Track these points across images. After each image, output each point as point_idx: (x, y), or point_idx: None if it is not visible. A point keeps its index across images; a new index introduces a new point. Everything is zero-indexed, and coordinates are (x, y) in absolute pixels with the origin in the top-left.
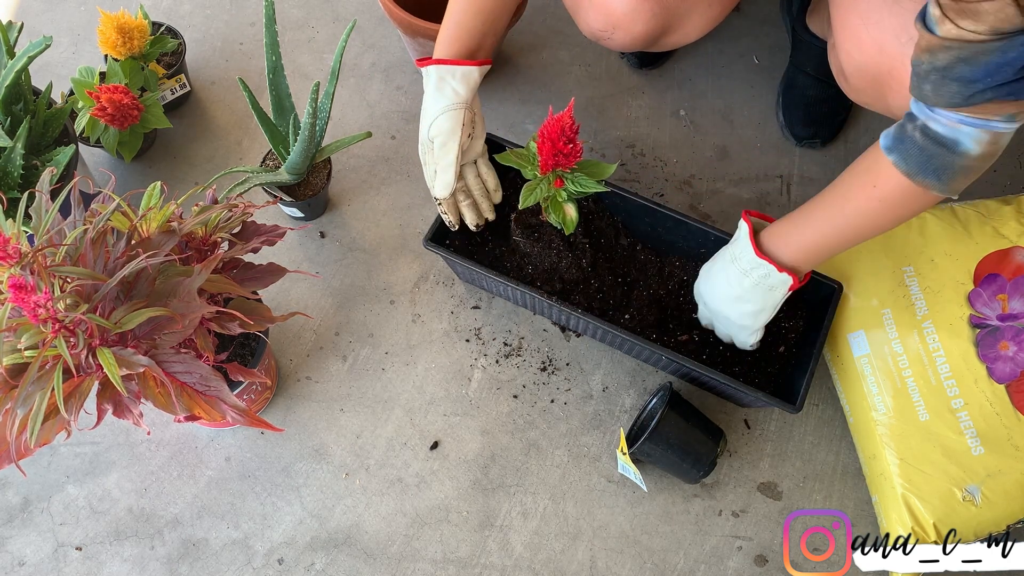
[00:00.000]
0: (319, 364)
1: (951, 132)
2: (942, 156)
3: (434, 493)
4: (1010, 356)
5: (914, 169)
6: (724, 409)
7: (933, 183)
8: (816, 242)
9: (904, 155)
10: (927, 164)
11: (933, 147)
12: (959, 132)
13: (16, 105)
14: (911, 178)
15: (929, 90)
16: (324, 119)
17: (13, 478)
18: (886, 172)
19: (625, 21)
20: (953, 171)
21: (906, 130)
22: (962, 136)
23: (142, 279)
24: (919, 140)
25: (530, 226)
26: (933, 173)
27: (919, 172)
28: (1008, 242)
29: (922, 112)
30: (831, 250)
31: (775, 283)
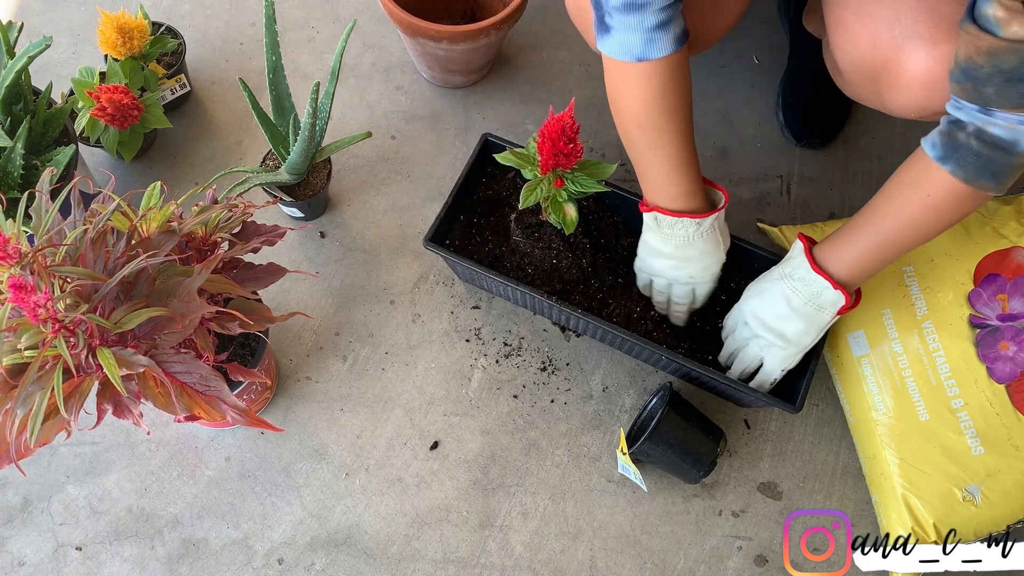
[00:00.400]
0: (319, 364)
1: (1011, 134)
2: (1001, 159)
3: (434, 493)
4: (1010, 356)
5: (973, 175)
6: (724, 409)
7: (991, 185)
8: (869, 256)
9: (961, 163)
10: (986, 168)
11: (992, 151)
12: (1018, 133)
13: (16, 105)
14: (970, 184)
15: (993, 93)
16: (324, 119)
17: (13, 478)
18: (940, 181)
19: None
20: (1011, 171)
21: (957, 138)
22: (1020, 136)
23: (142, 279)
24: (975, 147)
25: (530, 226)
26: (992, 176)
27: (978, 177)
28: (1008, 242)
29: (974, 117)
30: (883, 263)
31: (826, 302)
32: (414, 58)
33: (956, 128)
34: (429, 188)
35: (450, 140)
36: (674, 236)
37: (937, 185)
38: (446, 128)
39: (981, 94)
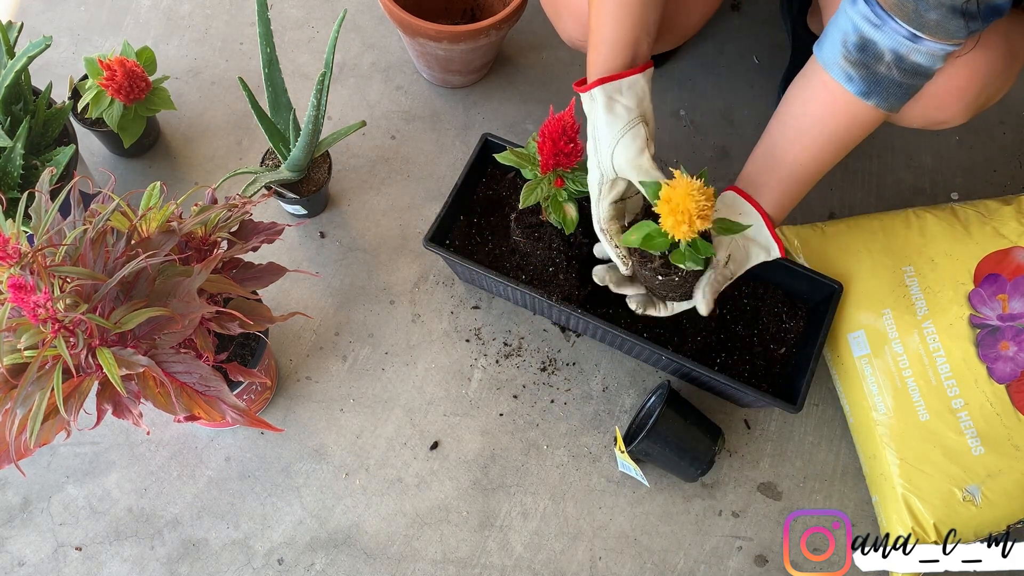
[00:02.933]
0: (319, 364)
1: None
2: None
3: (434, 493)
4: (1010, 356)
5: (895, 104)
6: (724, 409)
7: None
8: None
9: (886, 95)
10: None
11: (912, 78)
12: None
13: (16, 105)
14: (892, 111)
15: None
16: (321, 113)
17: (13, 478)
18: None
19: None
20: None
21: (877, 71)
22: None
23: (142, 279)
24: (897, 76)
25: (530, 226)
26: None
27: (899, 103)
28: (1008, 242)
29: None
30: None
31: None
32: (414, 58)
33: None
34: (429, 188)
35: (450, 140)
36: None
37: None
38: (446, 128)
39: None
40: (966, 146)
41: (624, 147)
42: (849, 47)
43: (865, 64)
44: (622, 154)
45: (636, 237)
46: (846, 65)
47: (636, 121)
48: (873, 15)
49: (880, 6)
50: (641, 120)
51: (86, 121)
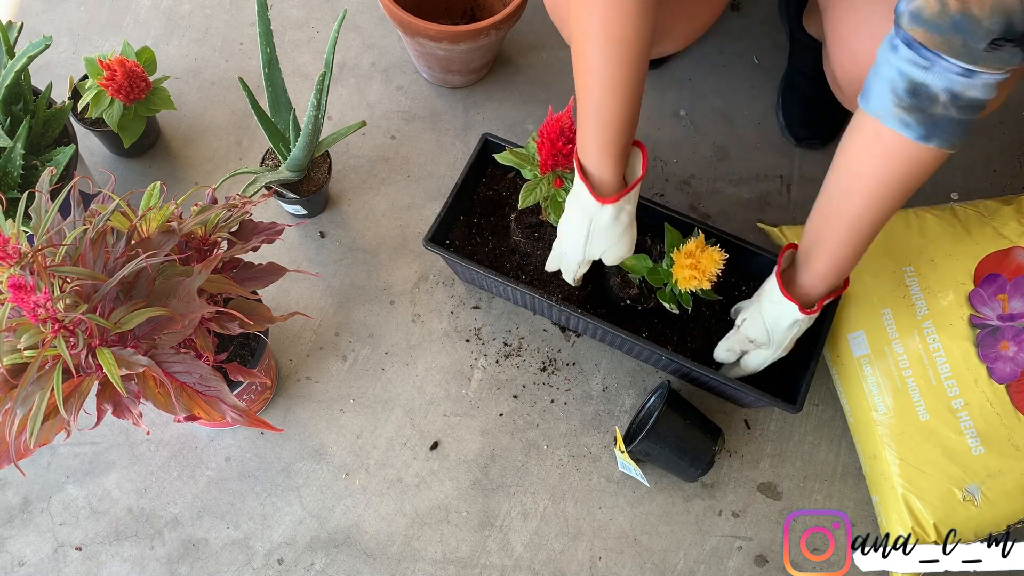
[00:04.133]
0: (319, 364)
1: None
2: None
3: (434, 493)
4: (1010, 356)
5: (956, 142)
6: (724, 409)
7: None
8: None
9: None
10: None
11: (968, 113)
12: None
13: (16, 105)
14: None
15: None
16: (321, 113)
17: (13, 478)
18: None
19: None
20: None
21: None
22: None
23: (142, 279)
24: (956, 115)
25: (530, 226)
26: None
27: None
28: (1008, 242)
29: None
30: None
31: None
32: (414, 58)
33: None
34: (429, 188)
35: (450, 140)
36: None
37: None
38: (446, 128)
39: (972, 52)
40: (966, 146)
41: (617, 248)
42: (900, 94)
43: (920, 108)
44: (613, 253)
45: (637, 266)
46: (900, 112)
47: (631, 223)
48: (920, 58)
49: (926, 48)
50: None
51: (86, 121)
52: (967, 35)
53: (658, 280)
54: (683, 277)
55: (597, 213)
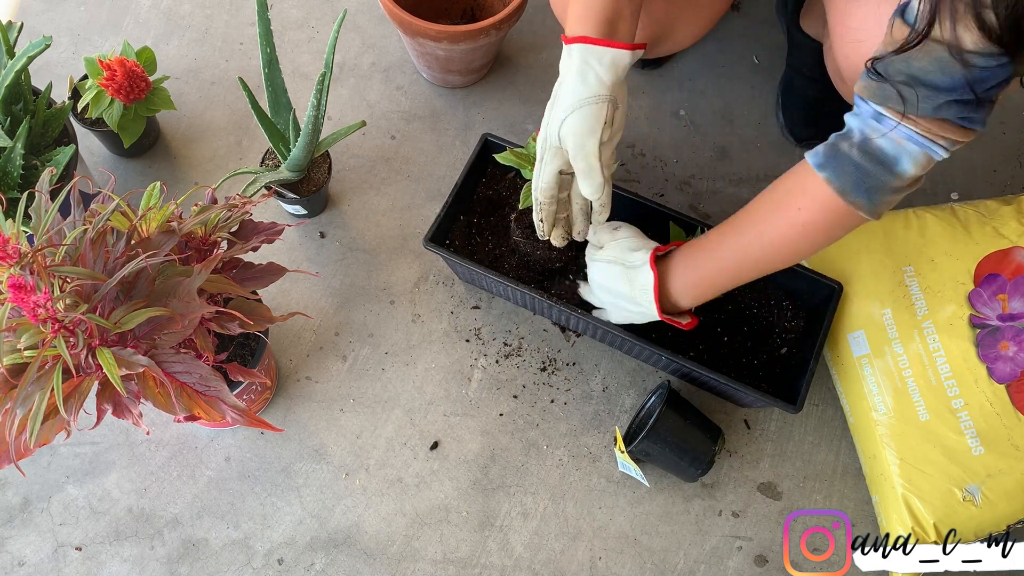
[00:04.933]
0: (319, 364)
1: (895, 149)
2: (879, 175)
3: (434, 493)
4: (1010, 356)
5: (848, 186)
6: (724, 409)
7: (863, 203)
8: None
9: (838, 171)
10: (862, 182)
11: (871, 164)
12: (903, 150)
13: (16, 105)
14: (843, 196)
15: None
16: (321, 113)
17: (13, 478)
18: (814, 191)
19: None
20: (883, 192)
21: (840, 148)
22: (904, 155)
23: (142, 279)
24: (856, 157)
25: (530, 226)
26: (865, 193)
27: (852, 190)
28: (1008, 242)
29: (866, 124)
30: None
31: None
32: (414, 58)
33: (842, 139)
34: (429, 188)
35: (450, 140)
36: None
37: (811, 196)
38: (446, 128)
39: (883, 91)
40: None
41: (578, 119)
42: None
43: (833, 143)
44: (572, 125)
45: None
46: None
47: (603, 99)
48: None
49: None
50: (609, 101)
51: (86, 121)
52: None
53: None
54: None
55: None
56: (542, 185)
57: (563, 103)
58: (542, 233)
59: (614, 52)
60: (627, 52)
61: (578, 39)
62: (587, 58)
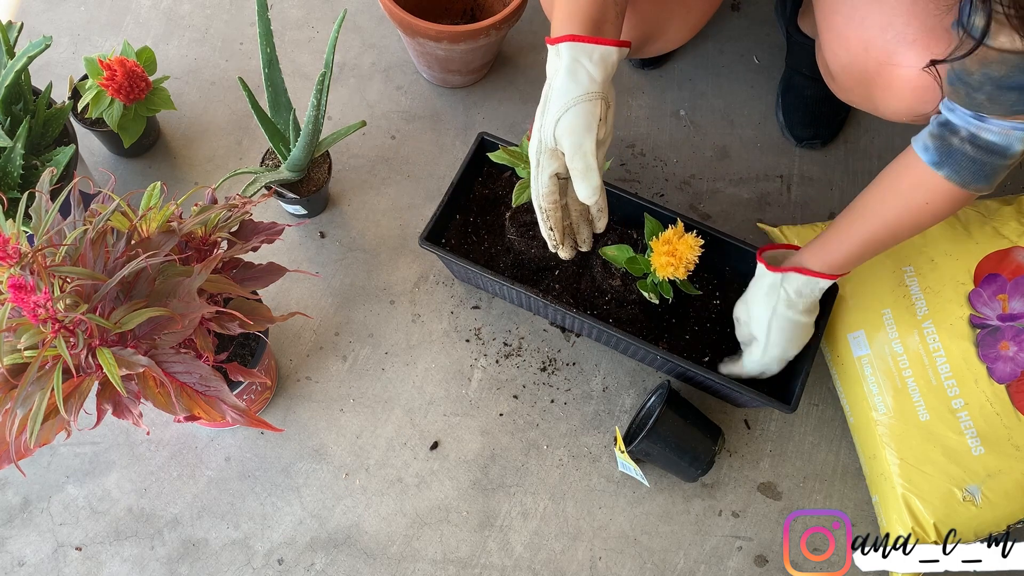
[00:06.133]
0: (319, 364)
1: (1004, 139)
2: (995, 162)
3: (434, 493)
4: (1010, 356)
5: (968, 179)
6: (724, 409)
7: (985, 187)
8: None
9: (957, 168)
10: (980, 172)
11: (986, 156)
12: (1011, 138)
13: (16, 105)
14: (967, 187)
15: (985, 100)
16: (321, 113)
17: (13, 478)
18: (937, 187)
19: None
20: (1003, 171)
21: (951, 143)
22: (1014, 141)
23: (142, 279)
24: (970, 152)
25: (524, 224)
26: (985, 178)
27: (974, 180)
28: (1008, 242)
29: (968, 123)
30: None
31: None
32: (414, 58)
33: (949, 132)
34: (429, 188)
35: (450, 140)
36: None
37: (934, 191)
38: (446, 128)
39: (973, 99)
40: None
41: (573, 117)
42: (933, 125)
43: (941, 137)
44: (567, 124)
45: (618, 256)
46: (926, 138)
47: (596, 96)
48: (947, 101)
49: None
50: (602, 98)
51: (86, 121)
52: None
53: (638, 269)
54: (660, 264)
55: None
56: (543, 191)
57: (555, 103)
58: (554, 245)
59: (603, 49)
60: (615, 49)
61: (565, 38)
62: (576, 56)
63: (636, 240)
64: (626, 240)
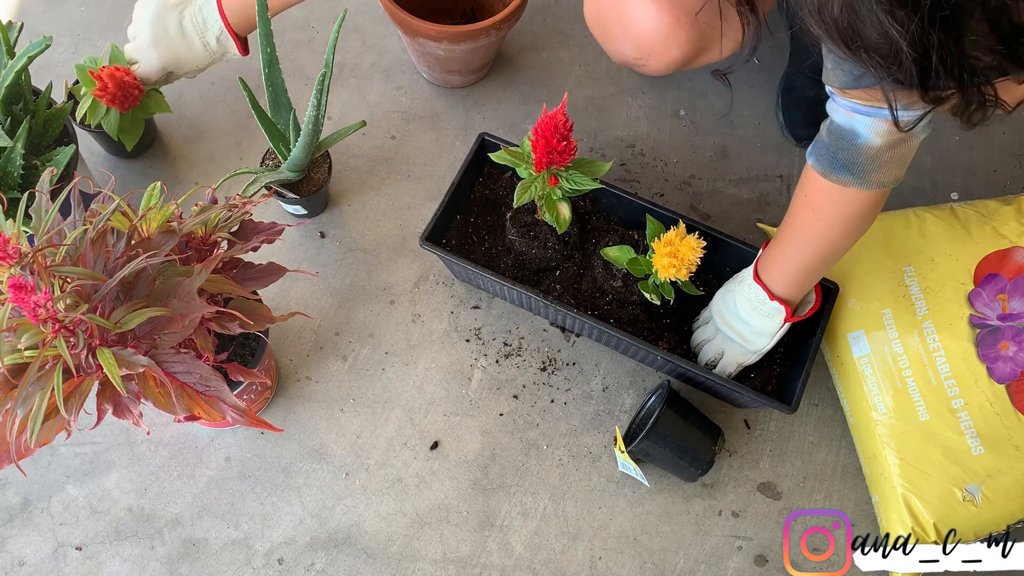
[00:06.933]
0: (319, 364)
1: (848, 122)
2: (846, 149)
3: (434, 493)
4: (1010, 356)
5: (827, 166)
6: (724, 409)
7: (848, 178)
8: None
9: (817, 155)
10: (835, 159)
11: (836, 140)
12: (855, 122)
13: (16, 105)
14: (826, 177)
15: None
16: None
17: (13, 478)
18: (809, 177)
19: (660, 49)
20: (863, 164)
21: (820, 133)
22: (858, 126)
23: (142, 279)
24: (825, 137)
25: (525, 225)
26: (844, 168)
27: (831, 168)
28: (1008, 242)
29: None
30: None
31: (770, 311)
32: (414, 58)
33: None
34: (429, 188)
35: (450, 140)
36: None
37: (810, 183)
38: (446, 128)
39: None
40: (966, 146)
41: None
42: None
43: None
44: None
45: (619, 257)
46: None
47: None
48: None
49: None
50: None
51: (86, 127)
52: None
53: (639, 271)
54: (662, 266)
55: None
56: None
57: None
58: None
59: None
60: None
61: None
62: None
63: (637, 241)
64: (627, 241)
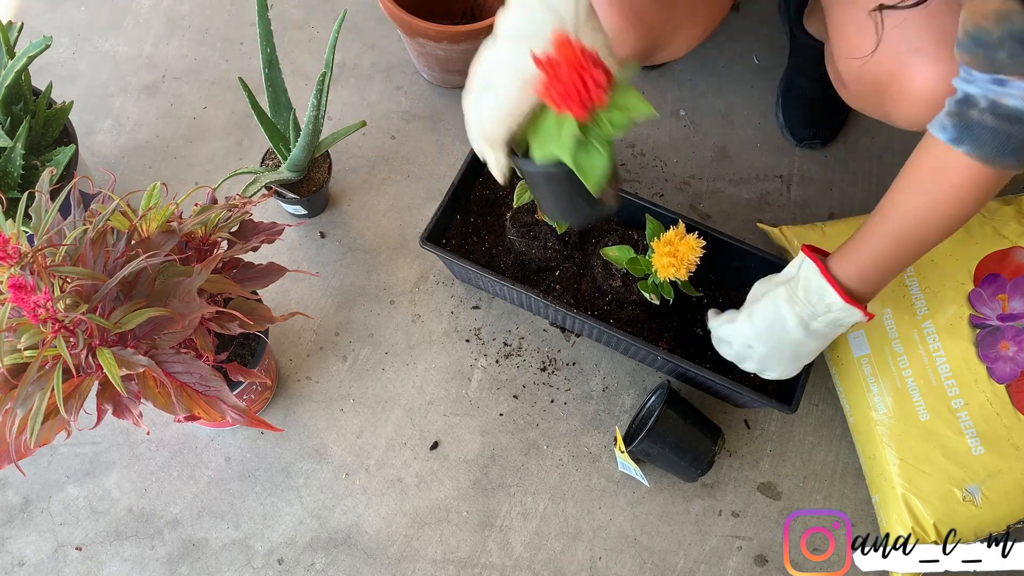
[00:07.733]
0: (319, 364)
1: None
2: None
3: (434, 493)
4: (1010, 356)
5: (992, 154)
6: (724, 409)
7: (1013, 163)
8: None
9: (978, 143)
10: (1004, 145)
11: (1008, 126)
12: None
13: (16, 105)
14: (990, 164)
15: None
16: (321, 113)
17: (13, 478)
18: (958, 165)
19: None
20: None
21: (970, 117)
22: None
23: (142, 279)
24: (991, 122)
25: (525, 225)
26: (1011, 153)
27: (999, 155)
28: (1008, 242)
29: (987, 89)
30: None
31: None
32: (414, 58)
33: (967, 106)
34: (429, 188)
35: (450, 140)
36: None
37: (958, 172)
38: (446, 128)
39: (993, 62)
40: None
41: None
42: (950, 104)
43: (959, 113)
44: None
45: (619, 256)
46: (943, 118)
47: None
48: (964, 72)
49: (963, 64)
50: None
51: None
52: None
53: (639, 270)
54: (661, 265)
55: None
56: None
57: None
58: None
59: None
60: None
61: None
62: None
63: (637, 241)
64: (627, 241)
